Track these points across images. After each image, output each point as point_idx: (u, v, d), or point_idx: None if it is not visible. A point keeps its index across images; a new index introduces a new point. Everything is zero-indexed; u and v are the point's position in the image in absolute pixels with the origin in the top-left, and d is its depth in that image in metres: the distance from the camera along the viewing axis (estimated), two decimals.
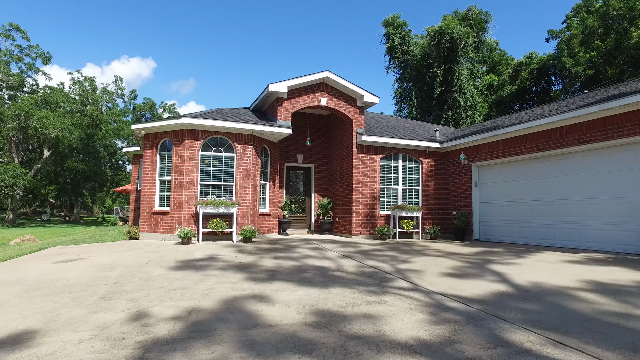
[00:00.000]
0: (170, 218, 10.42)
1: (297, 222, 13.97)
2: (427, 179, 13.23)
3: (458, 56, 33.88)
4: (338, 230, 13.08)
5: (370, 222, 12.25)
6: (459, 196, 12.84)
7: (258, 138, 11.35)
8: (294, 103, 11.70)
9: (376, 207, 12.35)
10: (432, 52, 34.68)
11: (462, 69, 34.33)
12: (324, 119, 14.49)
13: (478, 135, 11.88)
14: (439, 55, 34.50)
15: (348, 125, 12.69)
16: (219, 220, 10.13)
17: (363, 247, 9.77)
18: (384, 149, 12.68)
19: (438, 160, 13.51)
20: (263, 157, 11.85)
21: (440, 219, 13.30)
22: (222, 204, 10.02)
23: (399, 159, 12.99)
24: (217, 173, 10.76)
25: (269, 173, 12.05)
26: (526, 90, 35.84)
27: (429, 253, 8.73)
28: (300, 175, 14.23)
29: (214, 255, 7.96)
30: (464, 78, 34.36)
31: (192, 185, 10.40)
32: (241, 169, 10.87)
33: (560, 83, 34.01)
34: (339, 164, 13.31)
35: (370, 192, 12.32)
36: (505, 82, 40.84)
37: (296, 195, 14.09)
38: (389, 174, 12.82)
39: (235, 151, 10.90)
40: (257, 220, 11.29)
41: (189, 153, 10.44)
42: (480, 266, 6.98)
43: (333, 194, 13.64)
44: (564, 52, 30.21)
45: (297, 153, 13.91)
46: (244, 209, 10.79)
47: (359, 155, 12.30)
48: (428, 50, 35.35)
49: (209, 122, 10.37)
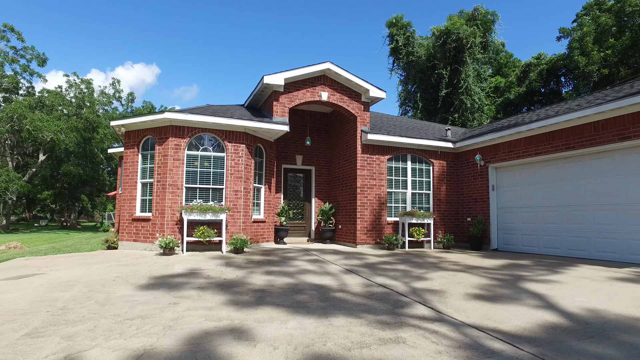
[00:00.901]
0: (152, 225, 9.29)
1: (296, 229, 12.82)
2: (439, 182, 12.07)
3: (464, 57, 32.89)
4: (341, 239, 11.91)
5: (377, 230, 11.08)
6: (474, 201, 11.66)
7: (251, 136, 10.24)
8: (292, 98, 10.60)
9: (383, 213, 11.19)
10: (438, 53, 33.69)
11: (469, 70, 33.31)
12: (325, 117, 13.38)
13: (496, 133, 10.72)
14: (445, 56, 33.51)
15: (352, 122, 11.57)
16: (205, 228, 8.99)
17: (369, 259, 8.60)
18: (392, 149, 11.54)
19: (450, 162, 12.35)
20: (257, 158, 10.73)
21: (453, 226, 12.11)
22: (209, 209, 8.89)
23: (408, 160, 11.84)
24: (205, 175, 9.64)
25: (264, 175, 10.92)
26: (535, 91, 34.69)
27: (446, 266, 7.55)
28: (300, 178, 13.10)
29: (196, 270, 6.82)
30: (470, 79, 33.34)
31: (176, 188, 9.28)
32: (232, 170, 9.75)
33: (570, 84, 32.86)
34: (341, 165, 12.18)
35: (377, 197, 11.16)
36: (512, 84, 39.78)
37: (295, 200, 12.94)
38: (397, 177, 11.66)
39: (226, 150, 9.79)
40: (251, 227, 10.15)
41: (173, 152, 9.34)
42: (512, 285, 5.80)
43: (335, 199, 12.49)
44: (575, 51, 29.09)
45: (296, 154, 12.78)
46: (235, 215, 9.65)
47: (363, 155, 11.17)
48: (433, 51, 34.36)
49: (195, 118, 9.27)
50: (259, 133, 10.45)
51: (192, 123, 9.47)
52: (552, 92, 35.10)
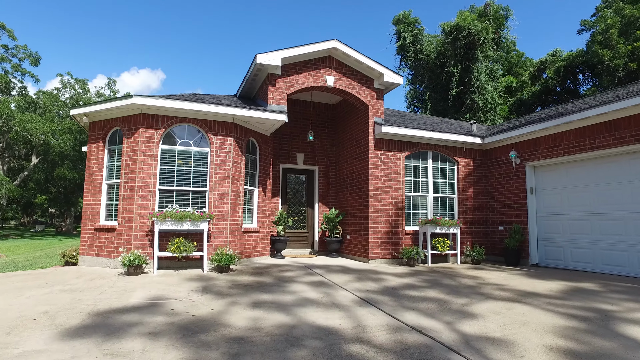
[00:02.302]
0: (118, 237, 7.51)
1: (296, 240, 11.00)
2: (465, 184, 10.23)
3: (476, 53, 31.14)
4: (349, 252, 10.08)
5: (393, 241, 9.24)
6: (507, 206, 9.80)
7: (242, 128, 8.47)
8: (291, 82, 8.83)
9: (400, 221, 9.36)
10: (448, 50, 31.95)
11: (481, 67, 31.53)
12: (331, 109, 11.60)
13: (536, 125, 8.89)
14: (455, 53, 31.77)
15: (362, 113, 9.78)
16: (182, 240, 7.20)
17: (388, 280, 6.77)
18: (410, 145, 9.72)
19: (478, 160, 10.51)
20: (249, 155, 8.95)
21: (481, 236, 10.25)
22: (187, 217, 7.10)
23: (429, 158, 10.01)
24: (184, 175, 7.87)
25: (257, 176, 9.14)
26: (550, 90, 32.78)
27: (491, 293, 5.70)
28: (301, 180, 11.30)
29: (160, 299, 5.03)
30: (483, 77, 31.54)
31: (147, 190, 7.51)
32: (217, 169, 7.97)
33: (589, 82, 30.89)
34: (350, 164, 10.37)
35: (393, 202, 9.34)
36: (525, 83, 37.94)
37: (295, 205, 11.14)
38: (416, 178, 9.84)
39: (210, 145, 8.02)
40: (240, 239, 8.35)
41: (144, 146, 7.58)
42: (605, 328, 3.97)
43: (343, 204, 10.68)
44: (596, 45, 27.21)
45: (297, 151, 10.99)
46: (220, 224, 7.86)
47: (377, 152, 9.36)
48: (443, 48, 32.62)
49: (172, 104, 7.52)
50: (251, 124, 8.68)
51: (168, 111, 7.72)
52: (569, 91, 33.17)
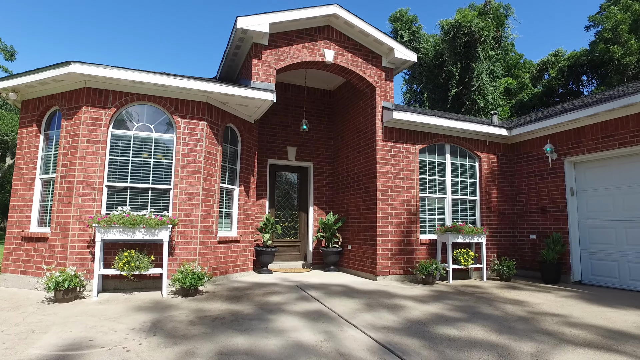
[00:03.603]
0: (50, 249, 5.69)
1: (287, 251, 9.23)
2: (488, 183, 8.58)
3: (477, 52, 29.82)
4: (351, 265, 8.35)
5: (406, 253, 7.53)
6: (541, 211, 8.17)
7: (218, 111, 6.72)
8: (281, 55, 7.12)
9: (414, 228, 7.66)
10: (447, 48, 30.60)
11: (482, 67, 30.20)
12: (328, 95, 9.91)
13: (581, 111, 7.30)
14: (455, 52, 30.41)
15: (368, 97, 8.10)
16: (133, 254, 5.40)
17: (408, 307, 5.03)
18: (424, 136, 8.06)
19: (502, 156, 8.89)
20: (229, 146, 7.20)
21: (507, 246, 8.60)
22: (140, 223, 5.31)
23: (447, 153, 8.35)
24: (142, 168, 6.08)
25: (238, 172, 7.38)
26: (553, 91, 31.57)
27: (560, 331, 4.00)
28: (292, 179, 9.56)
29: (77, 349, 3.23)
30: (484, 77, 30.19)
31: (90, 188, 5.71)
32: (185, 160, 6.21)
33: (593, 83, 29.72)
34: (352, 160, 8.67)
35: (405, 204, 7.65)
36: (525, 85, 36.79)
37: (285, 209, 9.38)
38: (432, 176, 8.16)
39: (176, 130, 6.26)
40: (214, 251, 6.56)
41: (88, 130, 5.79)
42: None
43: (343, 208, 8.96)
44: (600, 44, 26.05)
45: (288, 144, 9.25)
46: (187, 231, 6.08)
47: (386, 144, 7.67)
48: (442, 46, 31.29)
49: (126, 75, 5.75)
50: (230, 106, 6.93)
51: (122, 85, 5.95)
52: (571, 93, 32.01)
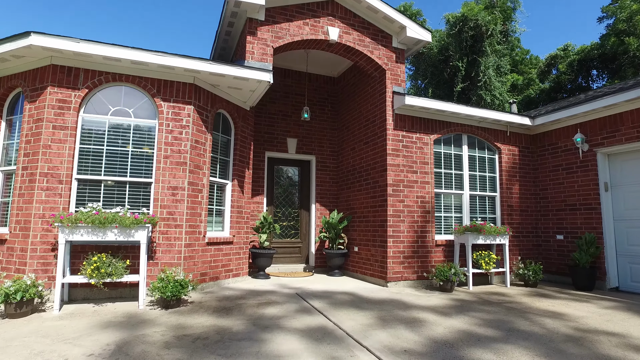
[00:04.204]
0: (8, 252, 4.88)
1: (286, 253, 8.41)
2: (509, 178, 7.75)
3: (484, 46, 28.95)
4: (358, 269, 7.52)
5: (420, 255, 6.70)
6: (570, 208, 7.34)
7: (208, 94, 5.91)
8: (279, 32, 6.30)
9: (428, 228, 6.83)
10: (452, 43, 29.76)
11: (489, 61, 29.31)
12: (332, 83, 9.08)
13: (615, 96, 6.46)
14: (461, 46, 29.56)
15: (377, 81, 7.27)
16: (104, 258, 4.60)
17: (428, 321, 4.21)
18: (440, 125, 7.23)
19: (524, 148, 8.05)
20: (220, 135, 6.38)
21: (530, 247, 7.76)
22: (111, 221, 4.50)
23: (464, 144, 7.52)
24: (119, 158, 5.27)
25: (231, 165, 6.56)
26: (561, 87, 30.69)
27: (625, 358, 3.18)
28: (293, 174, 8.74)
29: None
30: (491, 71, 29.32)
31: (56, 181, 4.91)
32: (169, 150, 5.40)
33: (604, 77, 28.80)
34: (359, 152, 7.84)
35: (419, 201, 6.82)
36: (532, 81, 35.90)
37: (285, 206, 8.57)
38: (448, 169, 7.33)
39: (159, 115, 5.45)
40: (203, 253, 5.75)
41: (54, 115, 4.99)
42: None
43: (348, 205, 8.14)
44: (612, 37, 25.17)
45: (287, 136, 8.44)
46: (170, 232, 5.27)
47: (397, 133, 6.85)
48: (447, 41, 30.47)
49: (99, 50, 4.94)
50: (221, 89, 6.12)
51: (95, 62, 5.14)
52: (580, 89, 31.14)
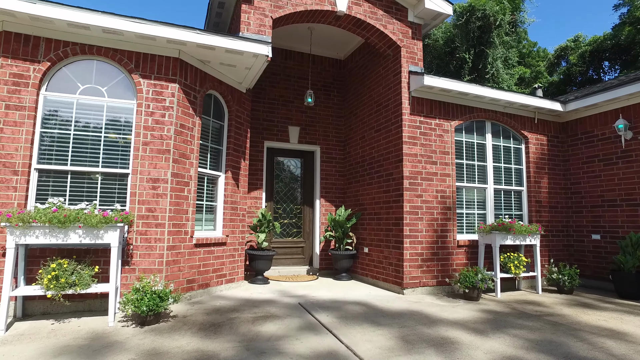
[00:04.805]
0: None
1: (288, 253, 7.60)
2: (537, 171, 6.91)
3: (492, 37, 28.01)
4: (369, 272, 6.71)
5: (440, 258, 5.88)
6: (608, 205, 6.50)
7: (196, 72, 5.09)
8: (279, 2, 5.46)
9: (449, 226, 6.00)
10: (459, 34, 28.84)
11: (497, 53, 28.37)
12: (338, 66, 8.23)
13: None
14: (468, 38, 28.62)
15: (390, 61, 6.43)
16: (65, 265, 3.80)
17: (464, 343, 3.39)
18: (461, 110, 6.38)
19: (553, 137, 7.20)
20: (212, 120, 5.56)
21: (561, 248, 6.93)
22: (74, 220, 3.70)
23: (487, 132, 6.68)
24: (88, 145, 4.46)
25: (224, 154, 5.74)
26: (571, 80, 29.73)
27: None
28: (295, 166, 7.92)
29: None
30: (498, 63, 28.39)
31: (10, 172, 4.10)
32: (149, 136, 4.58)
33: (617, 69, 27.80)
34: (369, 141, 7.01)
35: (439, 196, 5.99)
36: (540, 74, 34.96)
37: (286, 202, 7.75)
38: (471, 160, 6.49)
39: (137, 95, 4.63)
40: (190, 257, 4.95)
41: (7, 92, 4.18)
42: None
43: (357, 201, 7.32)
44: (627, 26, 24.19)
45: (289, 124, 7.61)
46: (150, 232, 4.46)
47: (414, 118, 6.01)
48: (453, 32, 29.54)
49: (65, 15, 4.12)
50: (212, 66, 5.29)
51: (58, 30, 4.32)
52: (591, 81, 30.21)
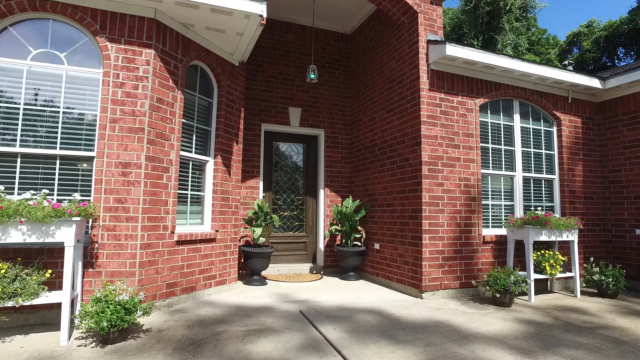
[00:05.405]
0: None
1: (288, 249, 6.84)
2: (571, 157, 6.09)
3: (502, 23, 27.09)
4: (380, 272, 5.95)
5: (463, 256, 5.11)
6: None
7: (177, 36, 4.28)
8: None
9: (474, 219, 5.22)
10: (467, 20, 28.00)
11: (506, 39, 27.44)
12: (344, 40, 7.39)
13: None
14: (476, 24, 27.76)
15: (405, 29, 5.59)
16: (4, 269, 3.05)
17: None
18: (486, 87, 5.56)
19: (588, 119, 6.36)
20: (198, 96, 4.76)
21: (597, 244, 6.14)
22: (12, 214, 2.94)
23: (515, 112, 5.86)
24: (43, 122, 3.69)
25: (213, 136, 4.95)
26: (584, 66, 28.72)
27: None
28: (296, 152, 7.12)
29: None
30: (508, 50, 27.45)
31: None
32: (118, 111, 3.80)
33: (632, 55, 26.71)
34: (381, 122, 6.19)
35: (462, 185, 5.20)
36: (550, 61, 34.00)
37: (286, 192, 6.97)
38: (497, 144, 5.68)
39: (103, 62, 3.84)
40: (170, 256, 4.19)
41: None
42: None
43: (366, 191, 6.53)
44: None
45: (290, 104, 6.80)
46: (120, 227, 3.70)
47: (433, 95, 5.19)
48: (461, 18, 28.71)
49: None
50: (197, 32, 4.48)
51: None
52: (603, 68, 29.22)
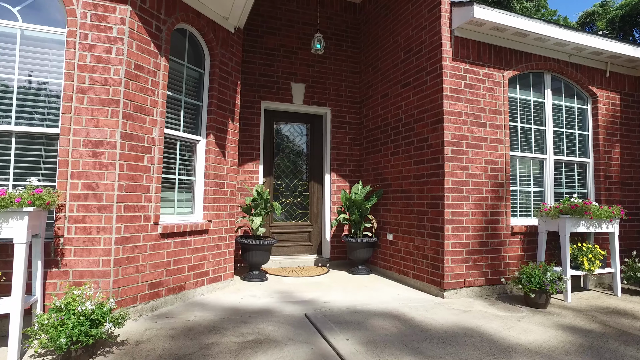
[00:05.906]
0: None
1: (291, 240, 6.27)
2: (607, 138, 5.44)
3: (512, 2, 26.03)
4: (394, 266, 5.38)
5: (489, 249, 4.52)
6: None
7: None
8: None
9: (501, 208, 4.61)
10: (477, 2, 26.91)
11: None
12: (353, 10, 6.68)
13: None
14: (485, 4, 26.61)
15: None
16: None
17: None
18: (516, 58, 4.88)
19: (628, 96, 5.68)
20: (187, 65, 4.14)
21: (634, 236, 5.53)
22: None
23: (546, 87, 5.20)
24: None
25: (204, 112, 4.34)
26: None
27: None
28: (300, 133, 6.50)
29: None
30: None
31: None
32: (87, 79, 3.20)
33: None
34: (395, 99, 5.55)
35: (488, 169, 4.58)
36: None
37: (289, 177, 6.38)
38: (526, 123, 5.03)
39: (67, 19, 3.22)
40: (153, 252, 3.63)
41: None
42: None
43: (377, 175, 5.93)
44: None
45: (292, 80, 6.16)
46: (91, 219, 3.14)
47: (457, 66, 4.54)
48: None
49: None
50: None
51: None
52: None
